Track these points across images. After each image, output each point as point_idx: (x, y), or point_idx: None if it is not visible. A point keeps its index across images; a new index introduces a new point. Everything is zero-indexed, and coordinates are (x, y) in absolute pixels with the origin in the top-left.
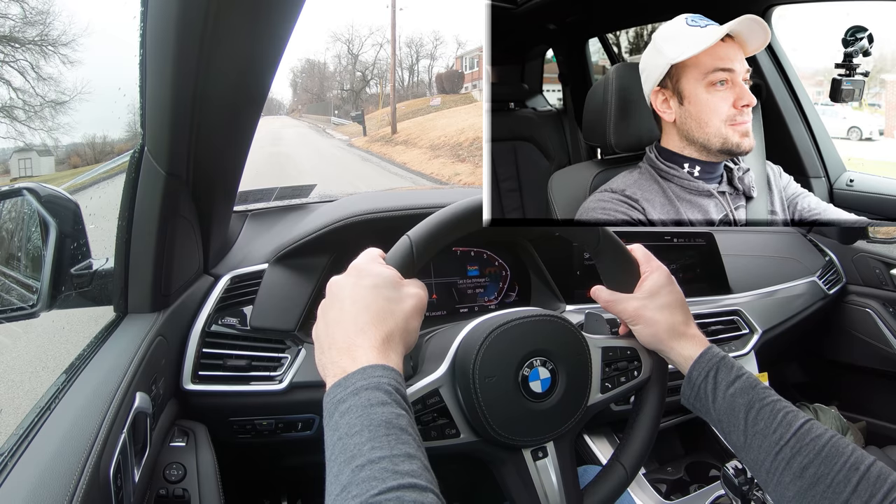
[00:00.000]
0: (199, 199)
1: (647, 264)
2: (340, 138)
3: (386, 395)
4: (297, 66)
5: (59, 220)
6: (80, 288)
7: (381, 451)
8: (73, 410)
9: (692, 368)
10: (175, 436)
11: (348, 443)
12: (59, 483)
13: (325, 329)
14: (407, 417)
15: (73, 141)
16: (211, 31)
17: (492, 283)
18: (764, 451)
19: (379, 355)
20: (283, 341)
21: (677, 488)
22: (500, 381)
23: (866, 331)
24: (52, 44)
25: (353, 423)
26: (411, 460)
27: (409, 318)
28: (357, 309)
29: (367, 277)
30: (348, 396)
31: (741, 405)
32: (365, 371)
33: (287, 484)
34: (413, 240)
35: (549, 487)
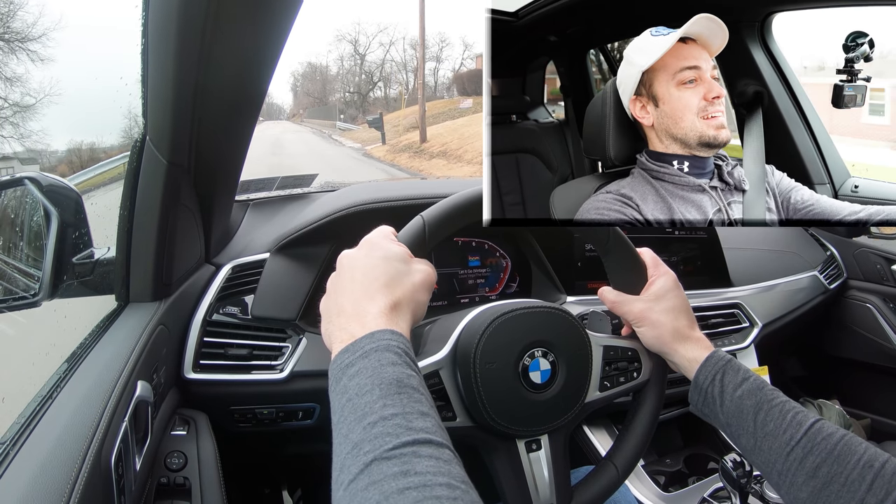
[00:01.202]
0: (201, 189)
1: (655, 268)
2: (352, 146)
3: (396, 356)
4: (297, 70)
5: (61, 209)
6: (82, 277)
7: (393, 408)
8: (74, 399)
9: (698, 372)
10: (176, 424)
11: (358, 402)
12: (61, 471)
13: (335, 298)
14: (417, 378)
15: (57, 148)
16: (213, 20)
17: (493, 273)
18: (775, 453)
19: (388, 321)
20: (284, 330)
21: (676, 480)
22: (500, 368)
23: (866, 326)
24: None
25: (363, 383)
26: (425, 417)
27: (419, 289)
28: (368, 278)
29: (378, 250)
30: (357, 360)
31: (749, 407)
32: (374, 335)
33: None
34: (427, 220)
35: (540, 480)
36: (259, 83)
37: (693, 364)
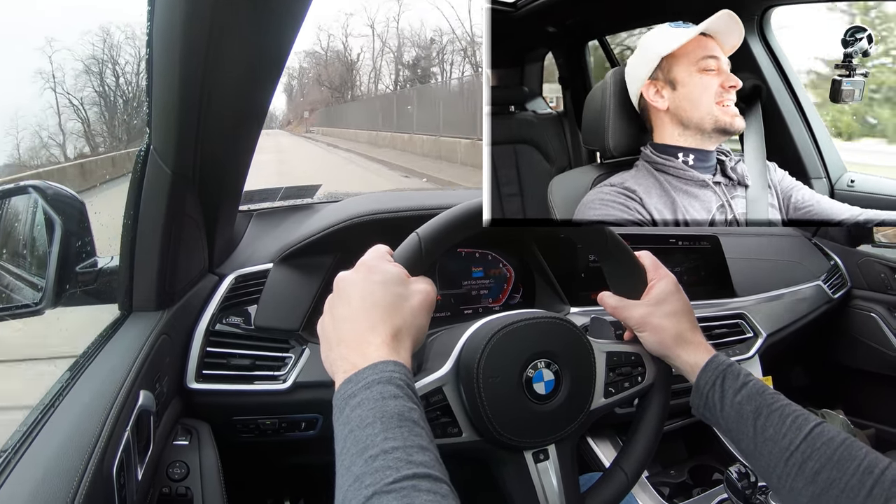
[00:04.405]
0: (205, 199)
1: (654, 272)
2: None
3: (398, 388)
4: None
5: (65, 218)
6: (85, 286)
7: (394, 441)
8: (76, 408)
9: (699, 377)
10: (178, 434)
11: (360, 434)
12: (63, 480)
13: (333, 325)
14: (419, 411)
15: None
16: (218, 30)
17: (496, 284)
18: (775, 458)
19: (390, 351)
20: (287, 341)
21: (680, 492)
22: (503, 381)
23: (871, 335)
24: None
25: (364, 415)
26: (424, 452)
27: (418, 314)
28: (366, 305)
29: (375, 274)
30: (360, 391)
31: (749, 412)
32: (376, 367)
33: (290, 483)
34: (422, 237)
35: (550, 490)
36: (263, 92)
37: (695, 368)
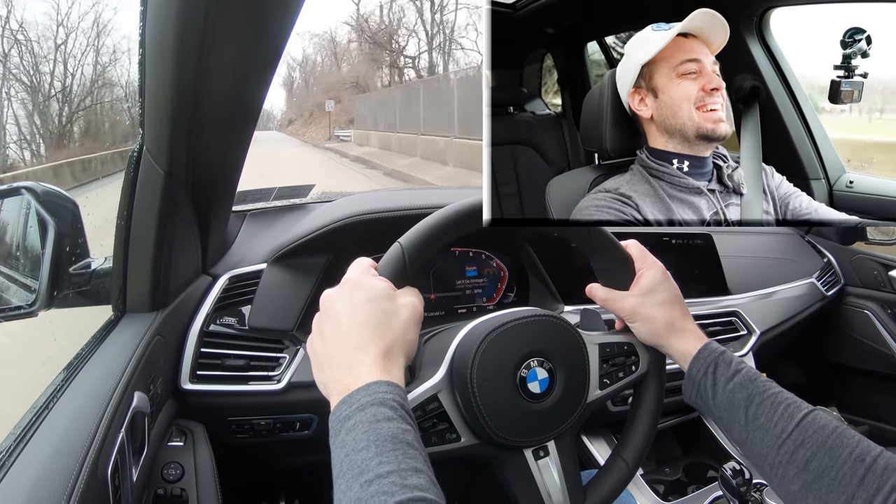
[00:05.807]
0: (198, 199)
1: (642, 261)
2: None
3: (391, 410)
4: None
5: (58, 219)
6: (79, 287)
7: (388, 465)
8: (71, 409)
9: (691, 365)
10: (173, 435)
11: (355, 459)
12: (57, 482)
13: (323, 345)
14: (413, 432)
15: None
16: (210, 30)
17: (490, 283)
18: (766, 446)
19: (381, 371)
20: (281, 341)
21: (675, 489)
22: (497, 384)
23: (864, 333)
24: None
25: (359, 438)
26: (419, 475)
27: (407, 329)
28: (354, 325)
29: (361, 291)
30: (354, 413)
31: (741, 400)
32: (369, 387)
33: (285, 484)
34: (404, 246)
35: (552, 486)
36: (257, 92)
37: (687, 356)
